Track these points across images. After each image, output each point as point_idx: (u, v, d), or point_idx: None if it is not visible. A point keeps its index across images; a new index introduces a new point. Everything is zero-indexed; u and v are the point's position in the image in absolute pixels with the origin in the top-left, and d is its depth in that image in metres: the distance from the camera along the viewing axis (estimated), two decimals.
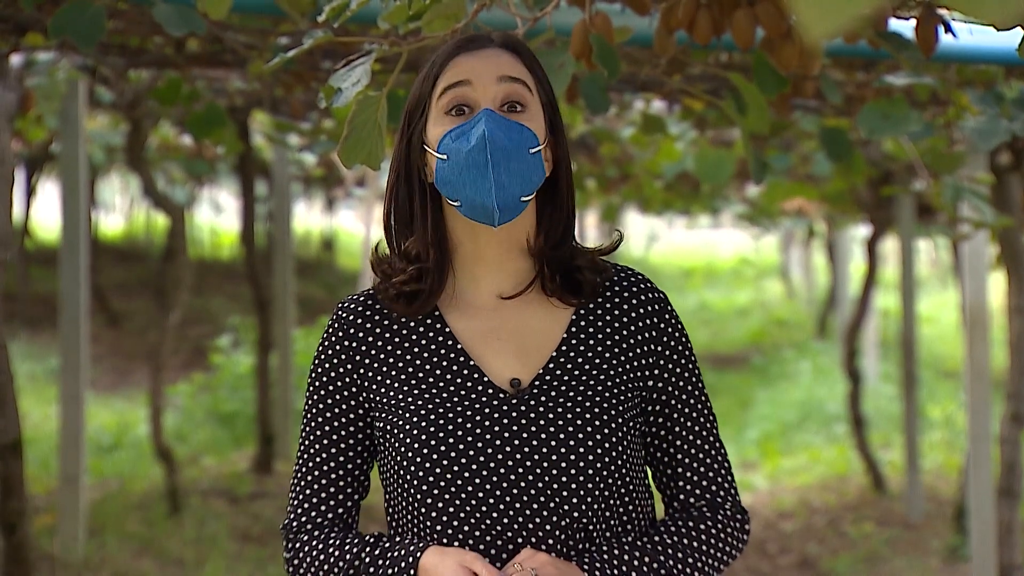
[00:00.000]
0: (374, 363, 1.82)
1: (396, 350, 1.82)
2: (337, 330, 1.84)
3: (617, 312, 1.84)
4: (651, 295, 1.85)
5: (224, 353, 9.43)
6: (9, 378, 3.73)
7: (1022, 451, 4.61)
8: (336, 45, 2.69)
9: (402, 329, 1.83)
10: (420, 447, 1.74)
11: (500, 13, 2.27)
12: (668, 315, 1.86)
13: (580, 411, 1.76)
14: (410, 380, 1.80)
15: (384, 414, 1.80)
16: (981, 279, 5.01)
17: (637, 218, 23.21)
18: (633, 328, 1.83)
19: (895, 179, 6.70)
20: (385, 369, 1.81)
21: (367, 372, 1.82)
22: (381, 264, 1.84)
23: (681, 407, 1.85)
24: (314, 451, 1.84)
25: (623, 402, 1.79)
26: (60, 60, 4.14)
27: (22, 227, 12.19)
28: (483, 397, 1.77)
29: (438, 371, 1.80)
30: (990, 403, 5.07)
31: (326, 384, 1.84)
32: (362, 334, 1.83)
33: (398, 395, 1.79)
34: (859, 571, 6.22)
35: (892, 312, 13.92)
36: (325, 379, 1.84)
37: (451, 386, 1.78)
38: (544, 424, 1.75)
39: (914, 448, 7.14)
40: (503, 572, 1.70)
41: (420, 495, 1.75)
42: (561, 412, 1.76)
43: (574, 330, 1.82)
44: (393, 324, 1.83)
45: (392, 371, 1.81)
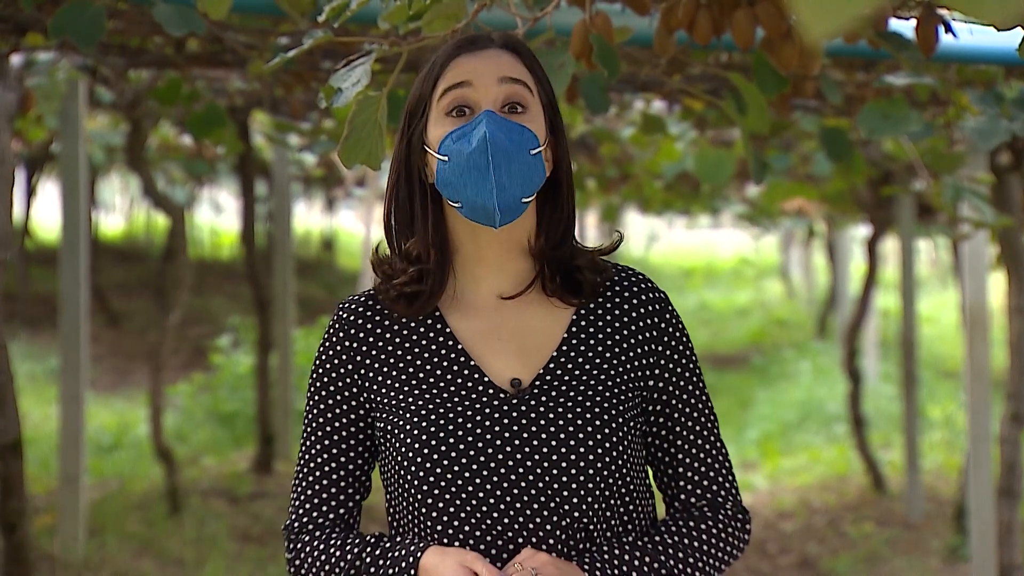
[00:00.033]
0: (375, 363, 1.82)
1: (397, 351, 1.82)
2: (338, 331, 1.84)
3: (618, 312, 1.84)
4: (652, 295, 1.85)
5: (224, 353, 9.43)
6: (9, 378, 3.73)
7: (1022, 451, 4.61)
8: (336, 45, 2.69)
9: (403, 330, 1.83)
10: (421, 447, 1.74)
11: (500, 13, 2.27)
12: (669, 315, 1.86)
13: (581, 411, 1.76)
14: (411, 380, 1.80)
15: (385, 414, 1.80)
16: (981, 279, 5.01)
17: (637, 218, 23.20)
18: (634, 328, 1.83)
19: (895, 179, 6.69)
20: (386, 370, 1.81)
21: (368, 372, 1.82)
22: (382, 265, 1.84)
23: (682, 407, 1.85)
24: (315, 451, 1.84)
25: (624, 402, 1.79)
26: (60, 60, 4.14)
27: (22, 227, 12.19)
28: (484, 397, 1.77)
29: (439, 371, 1.80)
30: (990, 403, 5.07)
31: (327, 384, 1.84)
32: (363, 335, 1.83)
33: (399, 395, 1.80)
34: (859, 571, 6.22)
35: (892, 312, 13.92)
36: (326, 379, 1.84)
37: (452, 386, 1.78)
38: (545, 424, 1.75)
39: (914, 448, 7.14)
40: (503, 572, 1.70)
41: (421, 495, 1.75)
42: (562, 412, 1.76)
43: (574, 330, 1.82)
44: (394, 325, 1.83)
45: (393, 371, 1.81)
